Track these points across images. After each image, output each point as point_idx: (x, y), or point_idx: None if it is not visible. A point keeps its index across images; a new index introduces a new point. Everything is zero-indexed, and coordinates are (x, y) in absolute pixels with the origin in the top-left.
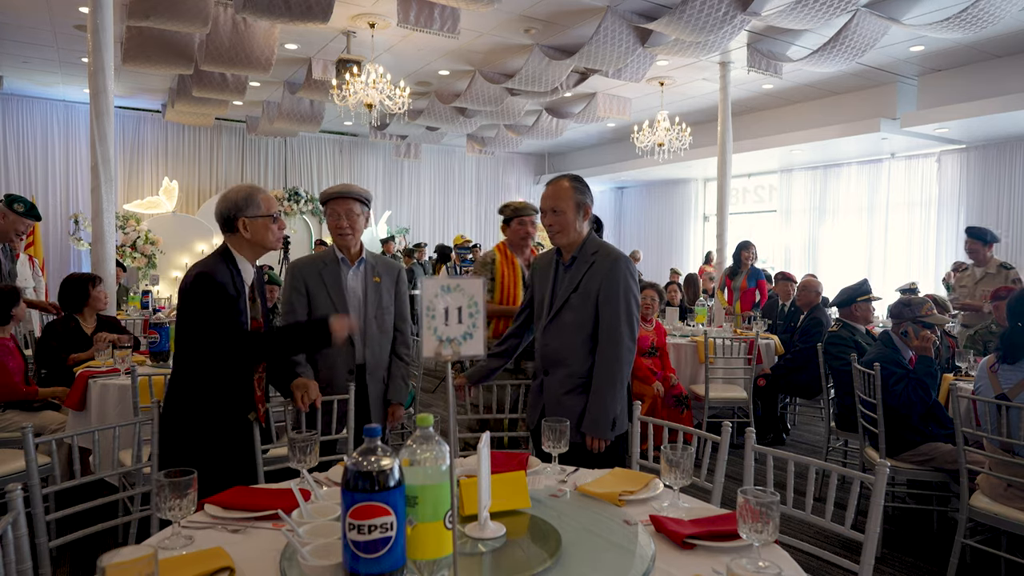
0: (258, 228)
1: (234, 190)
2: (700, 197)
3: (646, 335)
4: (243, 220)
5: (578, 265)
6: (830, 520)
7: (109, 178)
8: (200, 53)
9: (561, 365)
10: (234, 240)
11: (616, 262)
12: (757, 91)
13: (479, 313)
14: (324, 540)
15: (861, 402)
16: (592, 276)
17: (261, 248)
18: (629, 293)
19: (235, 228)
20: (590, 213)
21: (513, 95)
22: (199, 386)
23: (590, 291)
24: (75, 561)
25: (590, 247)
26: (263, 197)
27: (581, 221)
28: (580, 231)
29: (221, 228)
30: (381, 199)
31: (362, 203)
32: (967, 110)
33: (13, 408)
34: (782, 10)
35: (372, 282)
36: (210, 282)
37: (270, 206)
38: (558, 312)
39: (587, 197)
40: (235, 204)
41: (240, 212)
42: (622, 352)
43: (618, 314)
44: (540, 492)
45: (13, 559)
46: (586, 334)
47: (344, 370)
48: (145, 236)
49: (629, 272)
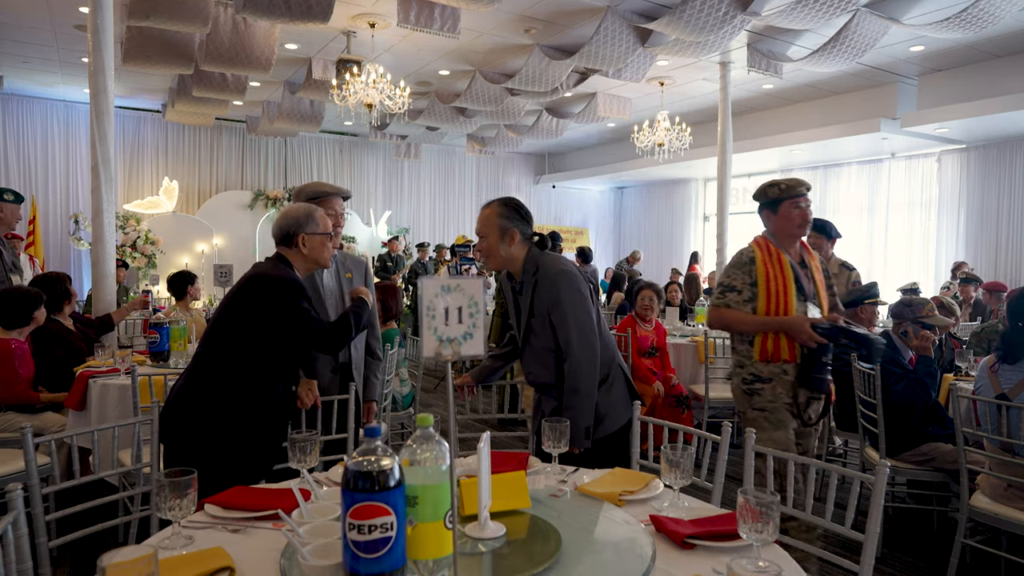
0: (316, 245)
1: (295, 208)
2: (700, 197)
3: (646, 335)
4: (303, 236)
5: (526, 289)
6: (830, 520)
7: (109, 178)
8: (200, 53)
9: (546, 388)
10: (290, 254)
11: (554, 280)
12: (757, 91)
13: (479, 313)
14: (324, 540)
15: (861, 402)
16: (539, 298)
17: (315, 264)
18: (574, 304)
19: (294, 243)
20: (517, 238)
21: (513, 95)
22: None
23: (542, 313)
24: (75, 561)
25: (529, 268)
26: (321, 216)
27: (507, 246)
28: (507, 255)
29: (278, 242)
30: (381, 199)
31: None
32: (967, 110)
33: (13, 409)
34: (782, 10)
35: (345, 279)
36: (294, 286)
37: (327, 224)
38: (526, 339)
39: (514, 222)
40: (296, 221)
41: (301, 228)
42: (580, 364)
43: (567, 328)
44: (540, 492)
45: (13, 559)
46: (554, 355)
47: (327, 369)
48: (145, 236)
49: (569, 283)
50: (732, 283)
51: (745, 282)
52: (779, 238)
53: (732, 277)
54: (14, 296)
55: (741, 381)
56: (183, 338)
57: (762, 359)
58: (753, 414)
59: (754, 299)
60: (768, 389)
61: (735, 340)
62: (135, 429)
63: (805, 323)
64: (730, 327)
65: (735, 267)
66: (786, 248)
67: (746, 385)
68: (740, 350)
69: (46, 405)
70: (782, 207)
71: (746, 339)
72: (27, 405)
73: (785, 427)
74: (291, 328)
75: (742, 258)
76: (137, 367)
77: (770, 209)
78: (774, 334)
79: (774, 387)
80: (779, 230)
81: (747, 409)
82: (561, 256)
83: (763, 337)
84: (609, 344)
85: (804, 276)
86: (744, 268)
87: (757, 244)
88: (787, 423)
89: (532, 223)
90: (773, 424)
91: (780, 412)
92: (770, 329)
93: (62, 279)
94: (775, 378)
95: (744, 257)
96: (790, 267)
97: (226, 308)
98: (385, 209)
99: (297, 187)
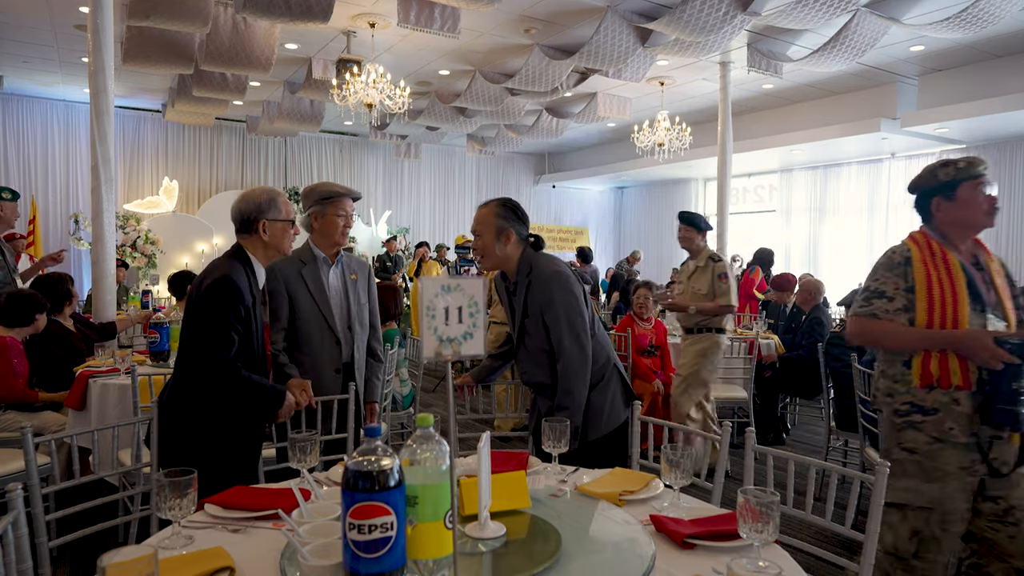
0: (277, 231)
1: (256, 191)
2: (700, 197)
3: (644, 333)
4: (264, 222)
5: (519, 289)
6: (830, 520)
7: (109, 178)
8: (200, 53)
9: (542, 388)
10: (250, 242)
11: (547, 281)
12: (757, 91)
13: (479, 313)
14: (324, 540)
15: (861, 402)
16: (532, 299)
17: (276, 252)
18: (567, 306)
19: (254, 230)
20: (513, 238)
21: (513, 95)
22: (203, 391)
23: (536, 314)
24: (75, 561)
25: (523, 268)
26: (283, 201)
27: (502, 246)
28: (503, 255)
29: (237, 229)
30: (381, 199)
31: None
32: (967, 110)
33: (13, 408)
34: (782, 10)
35: (350, 280)
36: (231, 287)
37: (289, 211)
38: (521, 340)
39: (510, 222)
40: (257, 206)
41: (261, 214)
42: (572, 365)
43: (560, 329)
44: (540, 492)
45: (13, 559)
46: (548, 355)
47: (331, 369)
48: (145, 236)
49: (562, 285)
50: (881, 288)
51: (899, 287)
52: (952, 231)
53: (881, 281)
54: (20, 297)
55: (892, 412)
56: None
57: (923, 384)
58: (900, 455)
59: (911, 308)
60: (932, 424)
61: (884, 360)
62: (135, 429)
63: (987, 338)
64: (880, 342)
65: (885, 268)
66: (956, 245)
67: (899, 418)
68: (891, 373)
69: (46, 404)
70: (961, 190)
71: (900, 359)
72: (27, 404)
73: (943, 480)
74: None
75: (894, 258)
76: (137, 367)
77: (943, 195)
78: (940, 352)
79: (941, 421)
80: (956, 220)
81: (892, 447)
82: (555, 257)
83: (925, 356)
84: (604, 344)
85: (980, 280)
86: (897, 270)
87: (914, 241)
88: (949, 475)
89: (528, 224)
90: (926, 472)
91: (941, 458)
92: (937, 346)
93: (63, 280)
94: (942, 409)
95: (897, 256)
96: (960, 269)
97: (187, 307)
98: (385, 209)
99: (306, 187)
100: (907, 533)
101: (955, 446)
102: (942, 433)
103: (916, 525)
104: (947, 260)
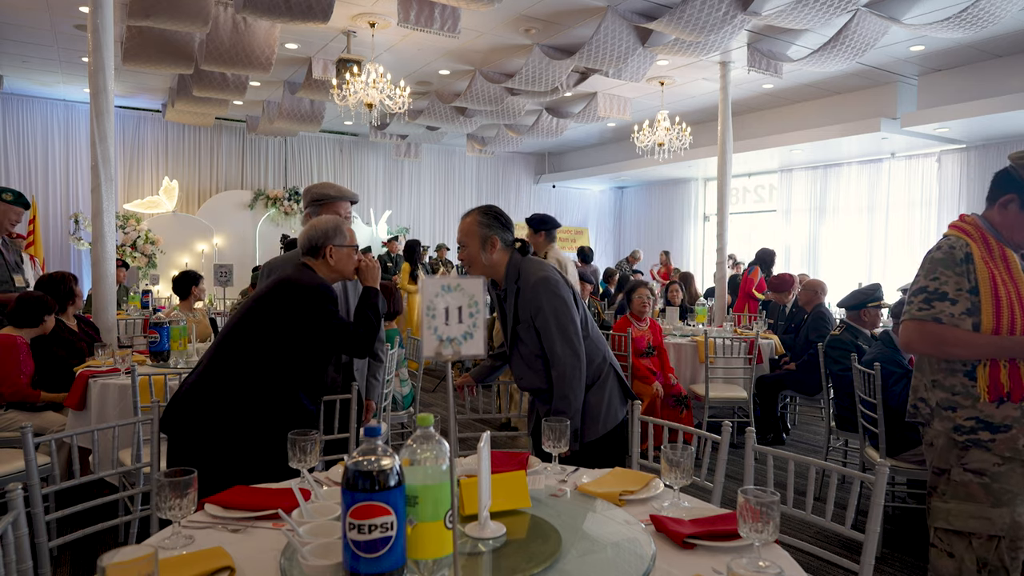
0: (342, 257)
1: (323, 220)
2: (700, 197)
3: (641, 335)
4: (331, 247)
5: (509, 296)
6: (830, 520)
7: (109, 178)
8: (200, 53)
9: (538, 392)
10: (315, 264)
11: (536, 287)
12: (757, 91)
13: (479, 313)
14: (324, 540)
15: (861, 402)
16: (523, 305)
17: (340, 276)
18: (556, 312)
19: (321, 254)
20: (498, 245)
21: (513, 95)
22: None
23: (527, 320)
24: (75, 561)
25: (511, 274)
26: (348, 229)
27: (488, 254)
28: (489, 263)
29: (305, 253)
30: (381, 199)
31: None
32: (967, 110)
33: (14, 408)
34: (782, 10)
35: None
36: (327, 292)
37: (354, 238)
38: (514, 346)
39: (494, 230)
40: (324, 232)
41: (328, 240)
42: (565, 369)
43: (551, 335)
44: (540, 492)
45: (13, 559)
46: (543, 360)
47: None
48: (145, 236)
49: (549, 290)
50: (942, 288)
51: (961, 287)
52: (1007, 234)
53: (941, 280)
54: (30, 299)
55: (952, 429)
56: (183, 338)
57: (994, 398)
58: (963, 477)
59: (974, 312)
60: (1002, 442)
61: (937, 369)
62: (135, 429)
63: None
64: (947, 351)
65: (944, 265)
66: (1016, 245)
67: (962, 436)
68: (950, 384)
69: (46, 404)
70: None
71: (962, 368)
72: (28, 404)
73: (1012, 504)
74: (324, 334)
75: (954, 254)
76: (137, 367)
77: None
78: (1010, 362)
79: (1014, 438)
80: (1016, 227)
81: (953, 467)
82: (543, 262)
83: (993, 366)
84: (599, 344)
85: None
86: (958, 268)
87: (968, 235)
88: (1019, 495)
89: (513, 229)
90: (994, 495)
91: (1012, 479)
92: (1008, 354)
93: (67, 279)
94: (1016, 425)
95: (958, 252)
96: (1020, 268)
97: (251, 310)
98: (385, 209)
99: (306, 188)
100: (974, 565)
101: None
102: (1014, 451)
103: (983, 554)
104: (1007, 258)
